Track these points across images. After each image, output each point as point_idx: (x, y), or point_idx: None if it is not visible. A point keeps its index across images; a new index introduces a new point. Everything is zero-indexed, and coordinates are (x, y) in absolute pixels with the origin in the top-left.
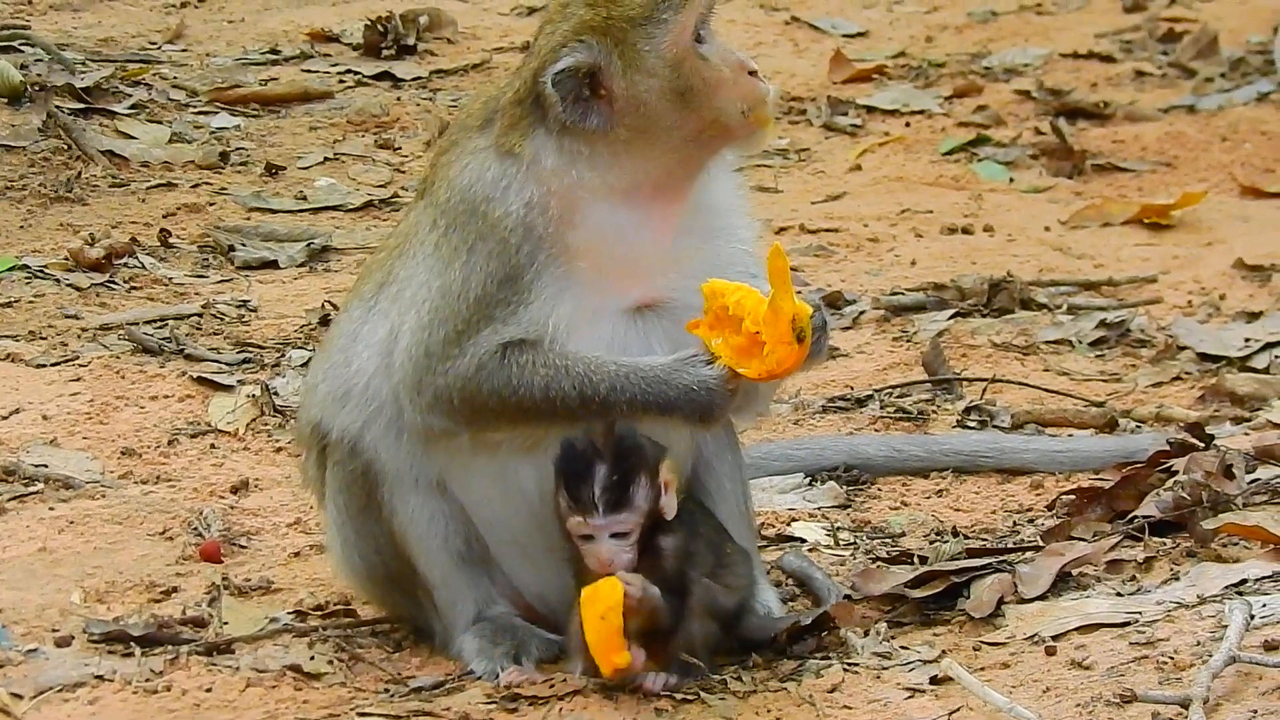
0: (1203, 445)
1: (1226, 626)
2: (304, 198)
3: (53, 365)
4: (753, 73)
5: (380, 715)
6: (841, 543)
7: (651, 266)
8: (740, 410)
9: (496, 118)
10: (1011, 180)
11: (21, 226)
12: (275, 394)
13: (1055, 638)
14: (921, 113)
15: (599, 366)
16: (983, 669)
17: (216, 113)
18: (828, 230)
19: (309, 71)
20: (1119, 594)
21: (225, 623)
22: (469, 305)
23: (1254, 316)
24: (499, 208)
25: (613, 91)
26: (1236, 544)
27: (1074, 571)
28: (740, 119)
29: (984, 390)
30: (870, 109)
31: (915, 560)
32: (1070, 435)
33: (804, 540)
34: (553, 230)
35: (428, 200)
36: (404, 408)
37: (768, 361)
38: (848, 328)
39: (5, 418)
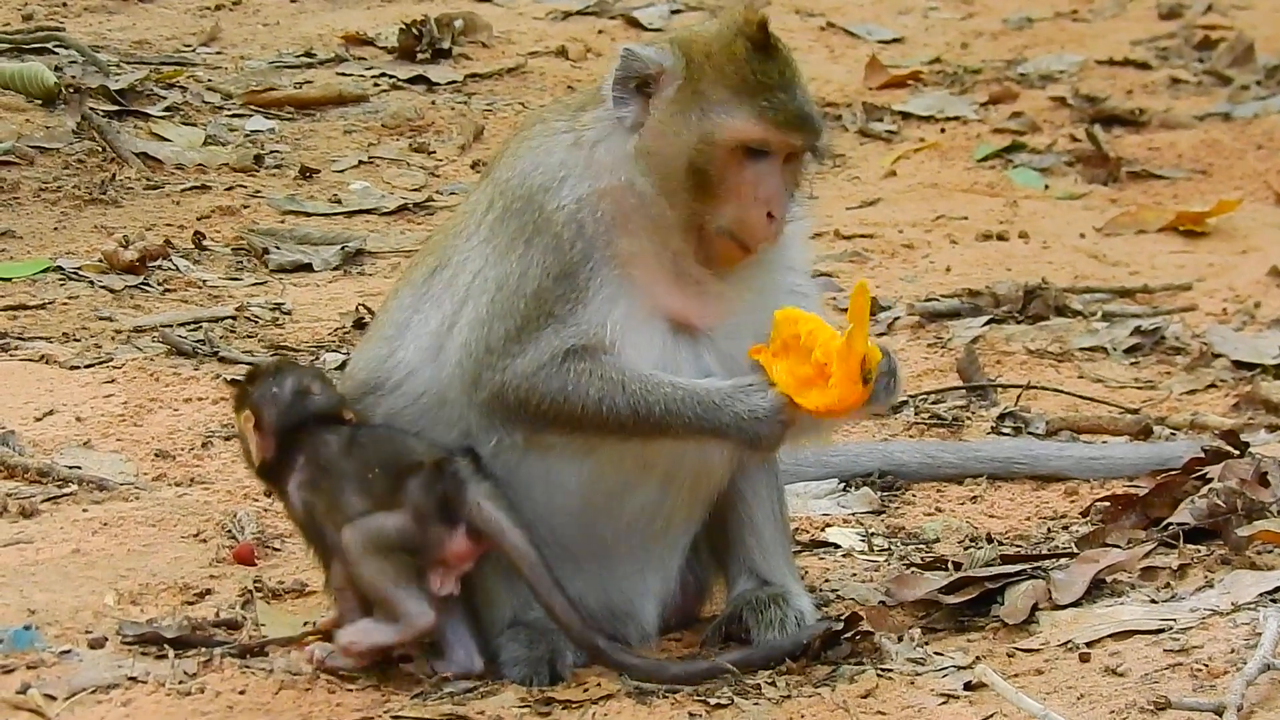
0: (1237, 453)
1: (1261, 634)
2: (338, 201)
3: (87, 367)
4: (770, 215)
5: (413, 718)
6: (876, 548)
7: (700, 287)
8: (796, 442)
9: (583, 102)
10: (1047, 187)
11: (56, 228)
12: None
13: (1089, 644)
14: (957, 119)
15: (655, 386)
16: (1017, 675)
17: (251, 115)
18: (862, 236)
19: (344, 75)
20: (1153, 601)
21: (261, 625)
22: (527, 300)
23: None
24: (553, 200)
25: (651, 107)
26: (1271, 551)
27: (1108, 578)
28: (721, 230)
29: (1018, 397)
30: (905, 115)
31: (949, 566)
32: (1105, 442)
33: (838, 546)
34: (603, 231)
35: (491, 177)
36: (457, 403)
37: (828, 395)
38: (882, 333)
39: (39, 419)
